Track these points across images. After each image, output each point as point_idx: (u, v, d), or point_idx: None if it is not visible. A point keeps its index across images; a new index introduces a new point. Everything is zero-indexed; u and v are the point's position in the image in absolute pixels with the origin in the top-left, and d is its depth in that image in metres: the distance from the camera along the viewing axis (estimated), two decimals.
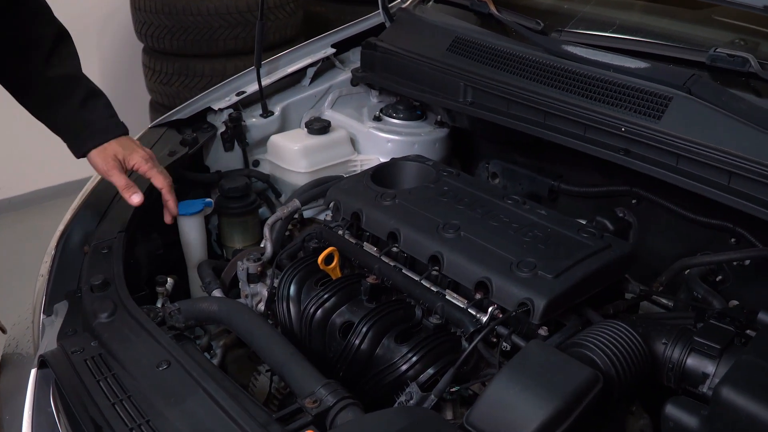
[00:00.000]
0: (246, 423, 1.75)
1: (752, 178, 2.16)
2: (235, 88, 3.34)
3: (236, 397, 1.86)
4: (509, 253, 2.16)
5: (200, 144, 3.09)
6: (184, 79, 6.25)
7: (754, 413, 1.62)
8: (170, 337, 2.11)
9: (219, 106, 3.25)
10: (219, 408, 1.80)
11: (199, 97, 3.29)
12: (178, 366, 1.94)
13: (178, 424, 1.76)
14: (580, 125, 2.57)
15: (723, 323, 1.94)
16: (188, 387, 1.87)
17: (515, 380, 1.74)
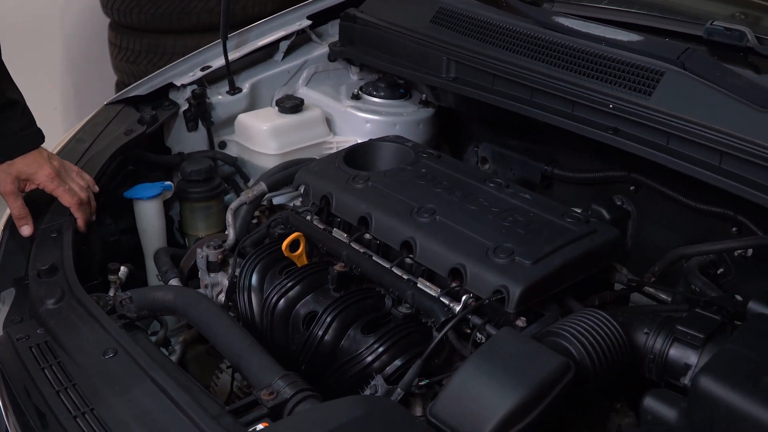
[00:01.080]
0: (196, 414, 1.83)
1: (745, 159, 2.25)
2: (200, 62, 3.40)
3: (187, 388, 1.95)
4: (487, 238, 2.25)
5: (160, 122, 3.17)
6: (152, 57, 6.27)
7: (733, 404, 1.70)
8: (120, 326, 2.20)
9: (182, 82, 3.32)
10: (167, 398, 1.89)
11: (160, 71, 3.36)
12: (125, 354, 2.03)
13: (122, 413, 1.84)
14: (568, 102, 2.66)
15: (709, 312, 2.03)
16: (135, 376, 1.96)
17: (482, 369, 1.83)
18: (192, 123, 3.30)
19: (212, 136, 3.36)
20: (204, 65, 3.39)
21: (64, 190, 2.65)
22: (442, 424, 1.79)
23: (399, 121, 3.35)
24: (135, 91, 3.31)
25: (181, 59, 3.40)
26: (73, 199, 2.66)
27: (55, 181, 2.64)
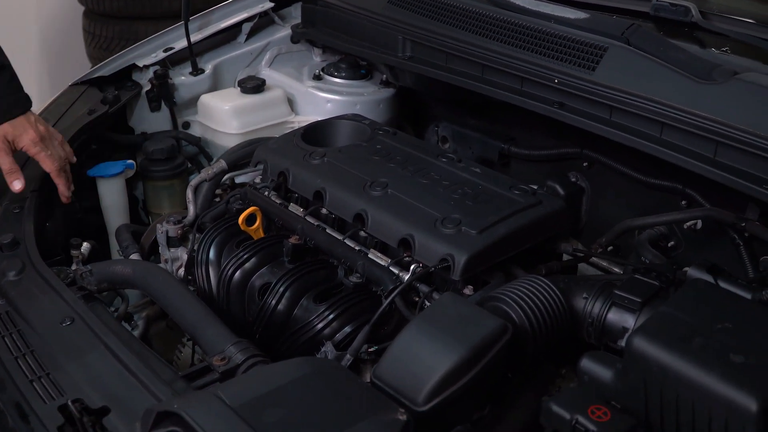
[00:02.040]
0: (148, 379, 1.90)
1: (684, 129, 2.32)
2: (163, 43, 3.46)
3: (141, 355, 2.01)
4: (436, 209, 2.31)
5: (122, 102, 3.22)
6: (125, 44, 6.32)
7: (665, 363, 1.76)
8: (78, 297, 2.25)
9: (144, 63, 3.38)
10: (120, 364, 1.95)
11: (123, 53, 3.42)
12: (81, 323, 2.09)
13: (77, 377, 1.91)
14: (517, 78, 2.73)
15: (648, 278, 2.10)
16: (90, 343, 2.02)
17: (423, 332, 1.90)
18: (155, 103, 3.35)
19: (175, 117, 3.41)
20: (167, 47, 3.44)
21: (46, 156, 2.70)
22: (385, 385, 1.86)
23: (359, 100, 3.41)
24: (98, 72, 3.36)
25: (144, 41, 3.45)
26: (54, 164, 2.71)
27: (38, 146, 2.69)
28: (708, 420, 1.71)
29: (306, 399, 1.69)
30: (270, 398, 1.68)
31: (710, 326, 1.83)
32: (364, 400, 1.71)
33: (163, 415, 1.65)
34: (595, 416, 1.68)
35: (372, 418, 1.63)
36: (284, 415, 1.63)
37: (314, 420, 1.63)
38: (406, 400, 1.81)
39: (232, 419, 1.60)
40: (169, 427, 1.64)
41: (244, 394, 1.69)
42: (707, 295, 2.00)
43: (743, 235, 2.44)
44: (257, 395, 1.68)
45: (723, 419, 1.68)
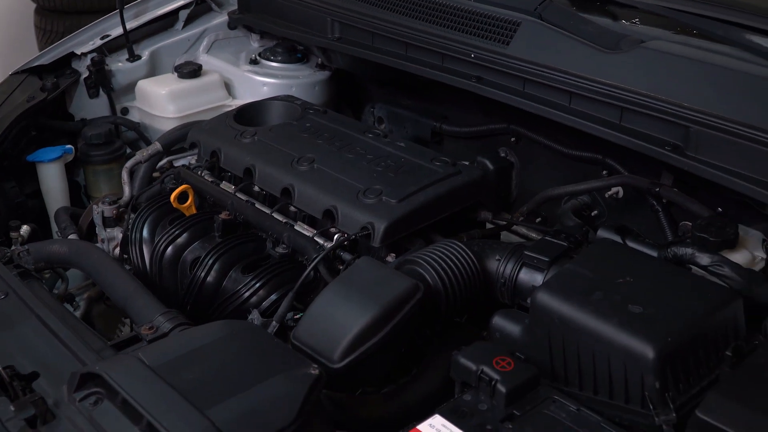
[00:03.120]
0: (77, 348, 1.96)
1: (591, 97, 2.42)
2: (101, 31, 3.50)
3: (73, 327, 2.07)
4: (359, 182, 2.40)
5: (61, 89, 3.27)
6: None
7: (566, 316, 1.85)
8: (14, 274, 2.31)
9: (82, 51, 3.42)
10: (52, 334, 2.01)
11: (62, 41, 3.46)
12: (15, 297, 2.14)
13: (9, 347, 1.96)
14: (437, 55, 2.82)
15: (558, 240, 2.19)
16: (23, 315, 2.07)
17: (338, 294, 1.99)
18: (93, 90, 3.40)
19: (113, 103, 3.46)
20: (104, 34, 3.48)
21: None
22: (303, 345, 1.94)
23: (295, 83, 3.48)
24: (38, 61, 3.40)
25: (82, 29, 3.49)
26: None
27: None
28: (608, 367, 1.79)
29: (223, 358, 1.77)
30: (188, 358, 1.75)
31: (611, 281, 1.93)
32: (279, 358, 1.79)
33: (87, 377, 1.72)
34: (499, 366, 1.75)
35: (285, 373, 1.71)
36: (201, 373, 1.70)
37: (230, 377, 1.70)
38: (322, 358, 1.89)
39: (151, 378, 1.68)
40: (92, 388, 1.71)
41: (163, 356, 1.76)
42: (612, 253, 2.10)
43: (661, 202, 2.53)
44: (176, 356, 1.76)
45: (622, 366, 1.77)
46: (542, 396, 1.75)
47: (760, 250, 2.31)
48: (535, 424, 1.67)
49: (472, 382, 1.77)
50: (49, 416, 1.70)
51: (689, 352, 1.77)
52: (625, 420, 1.77)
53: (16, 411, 1.69)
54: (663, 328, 1.77)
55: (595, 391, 1.83)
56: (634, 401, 1.76)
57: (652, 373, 1.72)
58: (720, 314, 1.86)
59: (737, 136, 2.16)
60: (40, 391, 1.77)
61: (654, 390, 1.72)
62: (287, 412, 1.61)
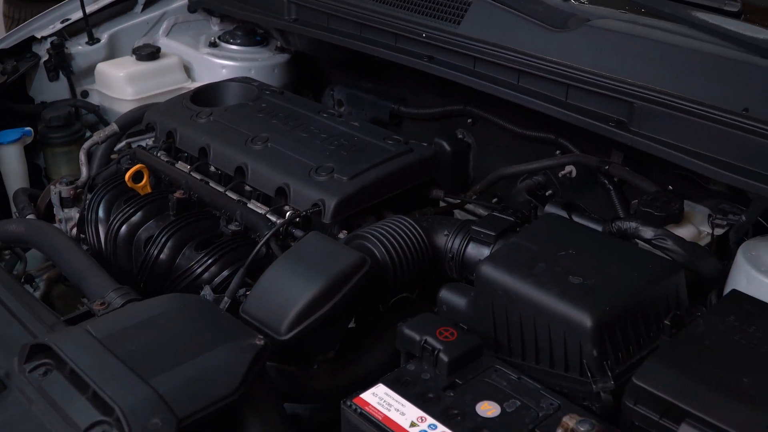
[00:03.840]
0: (30, 322, 1.98)
1: (539, 75, 2.45)
2: (60, 15, 3.51)
3: (27, 304, 2.09)
4: (311, 160, 2.42)
5: (21, 72, 3.27)
6: None
7: (508, 287, 1.89)
8: None
9: (42, 34, 3.43)
10: (5, 309, 2.03)
11: (22, 26, 3.47)
12: None
13: None
14: (391, 35, 2.84)
15: (505, 215, 2.22)
16: None
17: (286, 267, 2.01)
18: (53, 73, 3.41)
19: (73, 85, 3.47)
20: (64, 18, 3.49)
21: None
22: (252, 318, 1.97)
23: (254, 66, 3.50)
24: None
25: (42, 13, 3.50)
26: None
27: None
28: (548, 337, 1.83)
29: (169, 329, 1.79)
30: (135, 330, 1.77)
31: (554, 253, 1.96)
32: (225, 329, 1.81)
33: (37, 349, 1.74)
34: (443, 336, 1.78)
35: (229, 344, 1.73)
36: (147, 344, 1.73)
37: (175, 347, 1.73)
38: (270, 330, 1.92)
39: (98, 349, 1.70)
40: (42, 359, 1.73)
41: (111, 327, 1.79)
42: (557, 227, 2.14)
43: (612, 180, 2.57)
44: (123, 327, 1.78)
45: (561, 335, 1.80)
46: (484, 365, 1.78)
47: (706, 225, 2.35)
48: (476, 392, 1.70)
49: (416, 353, 1.80)
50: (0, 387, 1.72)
51: (628, 321, 1.81)
52: (564, 388, 1.80)
53: None
54: (601, 297, 1.80)
55: (537, 360, 1.86)
56: (573, 370, 1.80)
57: (590, 342, 1.75)
58: (660, 285, 1.89)
59: (680, 111, 2.20)
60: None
61: (592, 358, 1.76)
62: (231, 381, 1.64)
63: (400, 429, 1.62)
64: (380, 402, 1.68)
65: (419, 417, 1.64)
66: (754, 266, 2.04)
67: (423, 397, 1.69)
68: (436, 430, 1.61)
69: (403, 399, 1.68)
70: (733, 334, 1.75)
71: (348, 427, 1.69)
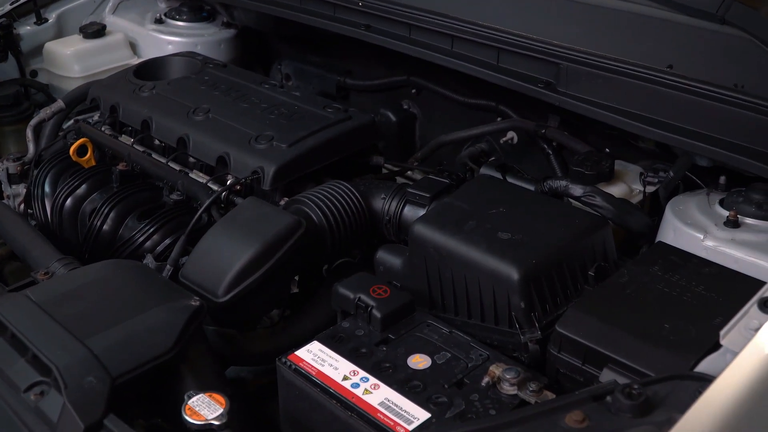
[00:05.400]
0: None
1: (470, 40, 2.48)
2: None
3: None
4: (252, 129, 2.44)
5: None
6: None
7: (439, 244, 1.92)
8: None
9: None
10: None
11: None
12: None
13: None
14: (329, 5, 2.86)
15: (441, 178, 2.25)
16: None
17: (223, 232, 2.04)
18: (2, 53, 3.40)
19: (22, 65, 3.47)
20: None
21: None
22: (191, 283, 1.99)
23: (200, 41, 3.50)
24: None
25: None
26: None
27: None
28: (478, 291, 1.87)
29: (106, 293, 1.82)
30: (73, 294, 1.80)
31: (485, 212, 2.00)
32: (161, 292, 1.84)
33: None
34: (376, 294, 1.82)
35: (165, 305, 1.76)
36: (84, 307, 1.75)
37: (111, 310, 1.75)
38: (208, 294, 1.95)
39: (36, 313, 1.72)
40: None
41: (50, 293, 1.81)
42: (490, 187, 2.17)
43: (552, 145, 2.60)
44: (63, 292, 1.81)
45: (491, 289, 1.85)
46: (417, 321, 1.83)
47: (638, 183, 2.39)
48: (408, 346, 1.75)
49: (350, 311, 1.83)
50: None
51: (554, 274, 1.85)
52: (495, 341, 1.85)
53: None
54: (528, 251, 1.84)
55: (469, 315, 1.90)
56: (502, 322, 1.84)
57: (517, 294, 1.80)
58: (587, 239, 1.94)
59: (606, 71, 2.24)
60: None
61: (520, 310, 1.80)
62: (165, 340, 1.67)
63: (333, 383, 1.65)
64: (314, 358, 1.71)
65: (352, 371, 1.68)
66: (680, 219, 2.09)
67: (356, 351, 1.73)
68: (367, 382, 1.65)
69: (337, 354, 1.72)
70: (656, 282, 1.80)
71: (283, 383, 1.73)
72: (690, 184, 2.28)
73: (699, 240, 2.01)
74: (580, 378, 1.67)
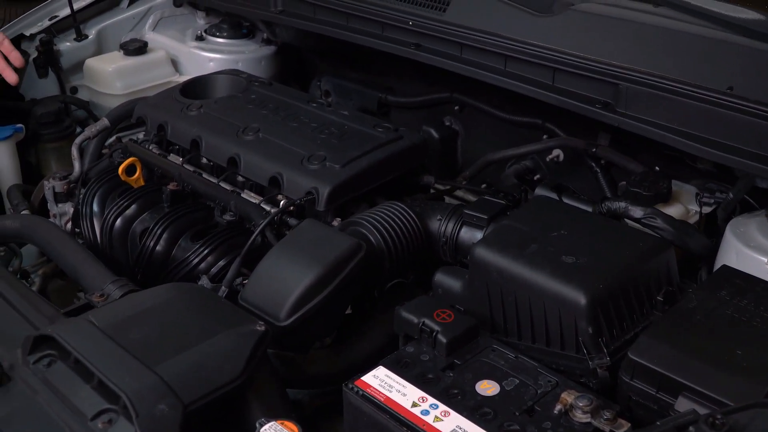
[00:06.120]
0: (31, 315, 1.98)
1: (525, 60, 2.47)
2: (48, 12, 3.50)
3: (27, 297, 2.09)
4: (303, 149, 2.43)
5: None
6: None
7: (502, 268, 1.91)
8: None
9: (31, 32, 3.42)
10: (6, 303, 2.03)
11: (11, 24, 3.45)
12: None
13: None
14: (377, 24, 2.85)
15: (496, 198, 2.24)
16: None
17: (283, 254, 2.03)
18: (42, 69, 3.41)
19: (63, 82, 3.48)
20: (52, 15, 3.49)
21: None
22: (251, 306, 1.98)
23: (241, 59, 3.51)
24: None
25: (30, 11, 3.49)
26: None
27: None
28: (543, 316, 1.85)
29: (170, 317, 1.80)
30: (137, 319, 1.78)
31: (546, 234, 1.98)
32: (225, 316, 1.82)
33: (40, 340, 1.75)
34: (440, 318, 1.80)
35: (231, 330, 1.74)
36: (149, 332, 1.74)
37: (177, 335, 1.74)
38: (269, 317, 1.94)
39: (100, 338, 1.71)
40: (45, 351, 1.74)
41: (113, 317, 1.80)
42: (548, 209, 2.16)
43: (600, 163, 2.59)
44: (125, 317, 1.79)
45: (557, 314, 1.82)
46: (481, 345, 1.80)
47: (694, 203, 2.37)
48: (475, 372, 1.72)
49: (414, 335, 1.82)
50: (4, 379, 1.73)
51: (621, 298, 1.83)
52: (561, 366, 1.82)
53: None
54: (594, 275, 1.82)
55: (533, 339, 1.88)
56: (569, 347, 1.82)
57: (584, 319, 1.78)
58: (651, 262, 1.92)
59: (666, 91, 2.22)
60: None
61: (587, 335, 1.78)
62: (234, 367, 1.65)
63: (402, 409, 1.63)
64: (381, 384, 1.70)
65: (420, 397, 1.66)
66: (742, 242, 2.07)
67: (423, 377, 1.71)
68: (437, 409, 1.63)
69: (404, 380, 1.70)
70: (725, 307, 1.78)
71: (350, 409, 1.71)
72: (745, 205, 2.27)
73: (763, 263, 2.00)
74: (654, 405, 1.65)
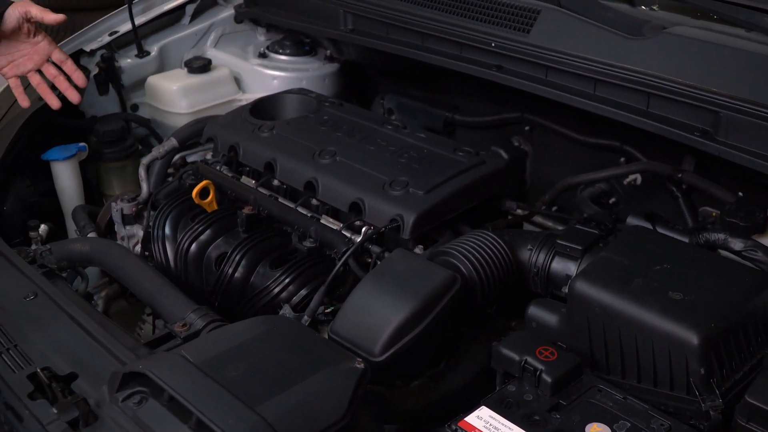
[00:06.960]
0: (113, 345, 1.95)
1: (616, 84, 2.40)
2: (108, 28, 3.47)
3: (104, 325, 2.06)
4: (383, 173, 2.39)
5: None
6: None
7: (606, 303, 1.85)
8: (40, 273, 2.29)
9: (91, 47, 3.40)
10: (85, 332, 2.00)
11: (70, 39, 3.43)
12: (44, 297, 2.13)
13: (44, 347, 1.95)
14: (455, 44, 2.80)
15: (588, 228, 2.19)
16: (54, 315, 2.06)
17: (375, 287, 1.98)
18: (103, 86, 3.38)
19: (124, 99, 3.44)
20: (112, 31, 3.46)
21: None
22: (342, 339, 1.93)
23: (305, 76, 3.46)
24: None
25: (90, 26, 3.46)
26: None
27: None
28: (651, 355, 1.79)
29: (266, 353, 1.76)
30: (232, 354, 1.74)
31: (648, 267, 1.92)
32: (322, 352, 1.78)
33: (129, 377, 1.70)
34: (543, 356, 1.75)
35: (330, 368, 1.70)
36: (246, 369, 1.69)
37: (275, 372, 1.69)
38: (362, 351, 1.88)
39: (197, 375, 1.66)
40: (135, 387, 1.69)
41: (207, 352, 1.75)
42: (645, 240, 2.10)
43: (681, 187, 2.54)
44: (219, 352, 1.75)
45: (666, 353, 1.76)
46: (586, 385, 1.75)
47: None
48: (583, 414, 1.67)
49: (515, 373, 1.77)
50: (91, 418, 1.69)
51: (732, 337, 1.77)
52: (670, 407, 1.76)
53: (59, 413, 1.68)
54: (705, 313, 1.76)
55: (639, 379, 1.82)
56: (679, 388, 1.76)
57: (696, 360, 1.72)
58: (759, 298, 1.86)
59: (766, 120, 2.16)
60: (79, 392, 1.75)
61: (699, 376, 1.72)
62: (337, 407, 1.61)
63: None
64: (486, 425, 1.65)
65: None
66: None
67: (529, 419, 1.66)
68: None
69: (509, 422, 1.65)
70: None
71: None
72: None
73: None
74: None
